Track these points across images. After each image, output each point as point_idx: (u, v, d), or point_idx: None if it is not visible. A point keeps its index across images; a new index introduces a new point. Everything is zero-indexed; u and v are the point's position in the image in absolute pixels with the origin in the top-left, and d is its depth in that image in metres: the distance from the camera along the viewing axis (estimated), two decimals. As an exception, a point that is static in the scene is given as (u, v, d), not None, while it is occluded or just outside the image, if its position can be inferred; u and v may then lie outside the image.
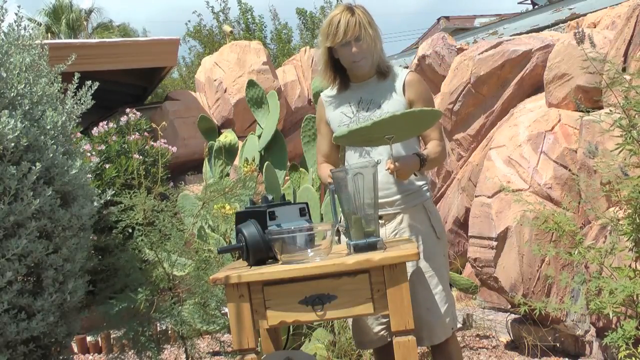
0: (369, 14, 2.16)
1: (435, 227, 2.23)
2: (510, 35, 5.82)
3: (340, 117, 2.26)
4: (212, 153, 4.04)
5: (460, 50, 5.23)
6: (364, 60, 2.14)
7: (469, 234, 3.69)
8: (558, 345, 3.33)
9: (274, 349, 2.20)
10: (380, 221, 2.18)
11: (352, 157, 2.26)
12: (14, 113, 2.19)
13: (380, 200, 2.14)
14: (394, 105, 2.18)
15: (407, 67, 6.46)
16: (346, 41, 2.11)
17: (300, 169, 3.84)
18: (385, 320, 2.21)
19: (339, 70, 2.24)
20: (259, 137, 4.09)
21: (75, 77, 2.67)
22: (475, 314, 4.01)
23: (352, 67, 2.18)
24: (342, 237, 2.22)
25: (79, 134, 4.93)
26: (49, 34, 17.89)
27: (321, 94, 2.36)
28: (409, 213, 2.21)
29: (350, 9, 2.13)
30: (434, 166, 2.28)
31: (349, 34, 2.09)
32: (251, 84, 4.21)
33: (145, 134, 5.62)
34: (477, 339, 3.73)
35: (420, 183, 2.24)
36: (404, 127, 1.96)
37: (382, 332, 2.23)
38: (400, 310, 1.68)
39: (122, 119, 5.43)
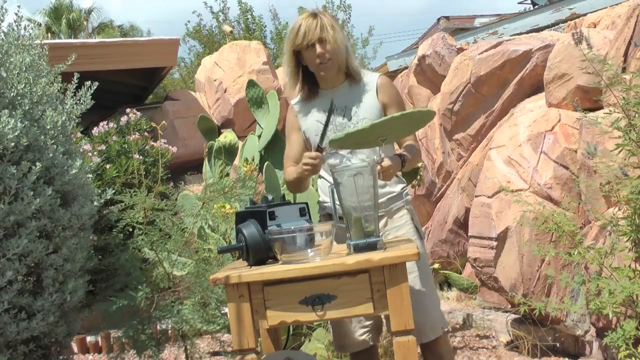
0: (333, 18, 2.20)
1: (417, 227, 2.27)
2: (510, 35, 5.82)
3: (316, 125, 2.23)
4: (212, 153, 4.04)
5: (460, 50, 5.22)
6: (329, 62, 2.15)
7: (469, 234, 3.69)
8: (558, 345, 3.33)
9: (274, 349, 2.20)
10: None
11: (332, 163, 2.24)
12: (14, 113, 2.19)
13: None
14: (368, 109, 2.20)
15: (406, 68, 6.46)
16: (309, 43, 2.13)
17: (300, 169, 3.83)
18: (368, 323, 2.22)
19: (307, 78, 2.26)
20: (259, 137, 4.09)
21: (75, 77, 2.67)
22: (475, 314, 4.01)
23: (318, 69, 2.18)
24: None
25: (79, 134, 4.93)
26: (49, 34, 17.91)
27: (291, 101, 2.36)
28: (393, 215, 2.24)
29: (313, 14, 2.16)
30: (412, 167, 2.32)
31: (309, 36, 2.12)
32: (251, 84, 4.21)
33: (145, 134, 5.63)
34: (477, 339, 3.73)
35: (400, 186, 2.28)
36: (400, 128, 1.99)
37: (364, 336, 2.23)
38: (400, 310, 1.68)
39: (122, 119, 5.43)
